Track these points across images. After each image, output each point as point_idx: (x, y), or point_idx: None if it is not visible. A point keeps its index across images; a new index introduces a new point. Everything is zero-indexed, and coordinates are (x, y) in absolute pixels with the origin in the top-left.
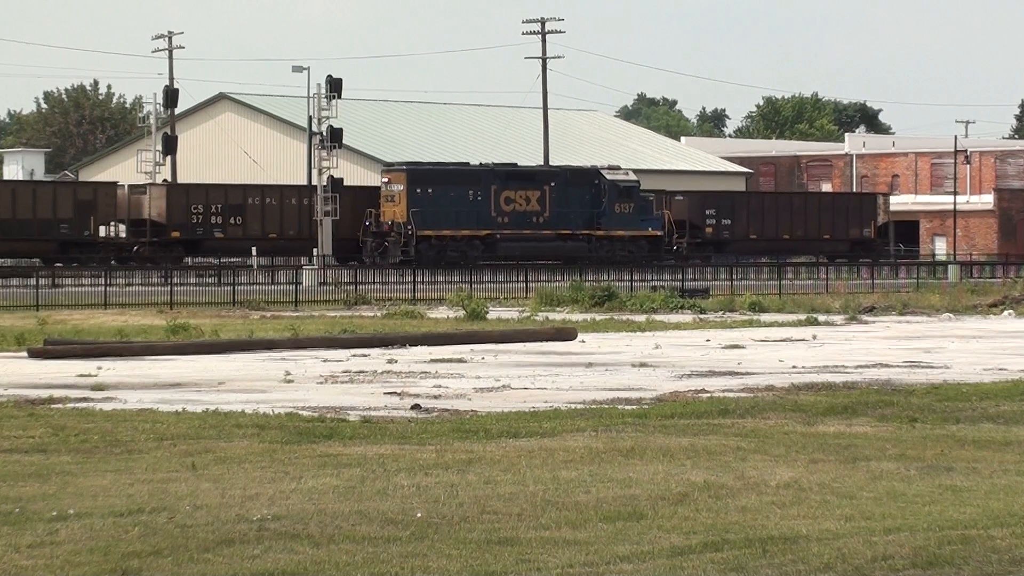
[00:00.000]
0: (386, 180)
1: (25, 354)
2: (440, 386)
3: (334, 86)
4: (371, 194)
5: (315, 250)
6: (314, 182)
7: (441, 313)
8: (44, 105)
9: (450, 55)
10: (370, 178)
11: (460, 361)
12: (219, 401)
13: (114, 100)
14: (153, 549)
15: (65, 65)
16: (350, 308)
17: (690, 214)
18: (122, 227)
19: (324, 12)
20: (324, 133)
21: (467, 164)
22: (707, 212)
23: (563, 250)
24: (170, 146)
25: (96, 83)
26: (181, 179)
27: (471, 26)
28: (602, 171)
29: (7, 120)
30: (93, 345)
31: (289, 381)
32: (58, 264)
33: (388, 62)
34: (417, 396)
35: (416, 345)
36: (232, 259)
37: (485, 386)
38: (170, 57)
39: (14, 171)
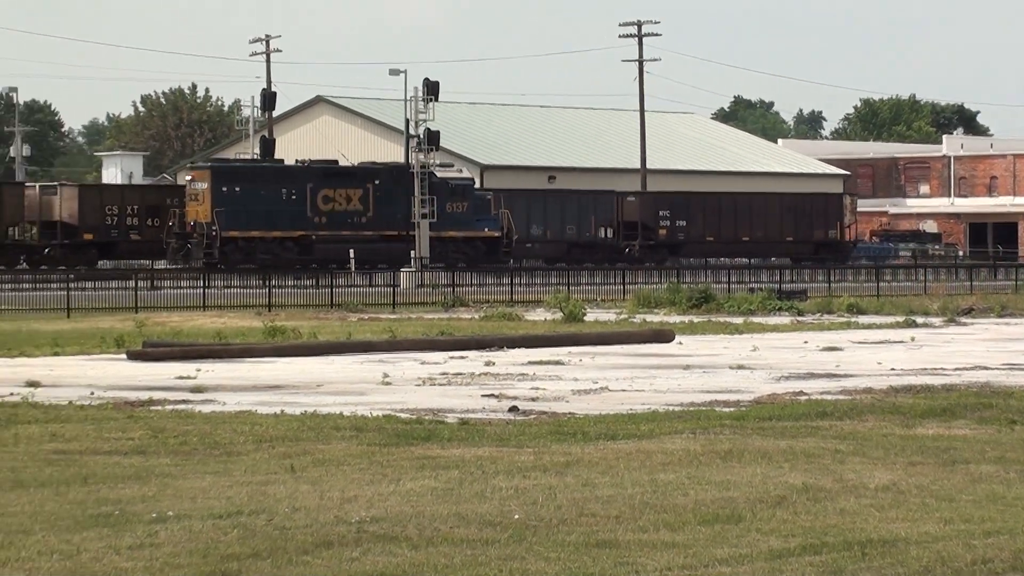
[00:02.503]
0: (189, 178)
1: (124, 356)
2: (538, 388)
3: (431, 89)
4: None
5: (412, 252)
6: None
7: (539, 315)
8: (142, 108)
9: (547, 58)
10: None
11: (558, 363)
12: (317, 403)
13: (212, 103)
14: (252, 551)
15: (164, 69)
16: (448, 310)
17: (642, 215)
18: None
19: (422, 15)
20: (421, 136)
21: (281, 161)
22: (661, 213)
23: (388, 252)
24: (268, 149)
25: (194, 86)
26: None
27: (568, 29)
28: (432, 169)
29: (106, 124)
30: (192, 347)
31: (387, 383)
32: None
33: (485, 65)
34: (515, 398)
35: (514, 347)
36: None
37: (583, 388)
38: (267, 60)
39: (113, 174)
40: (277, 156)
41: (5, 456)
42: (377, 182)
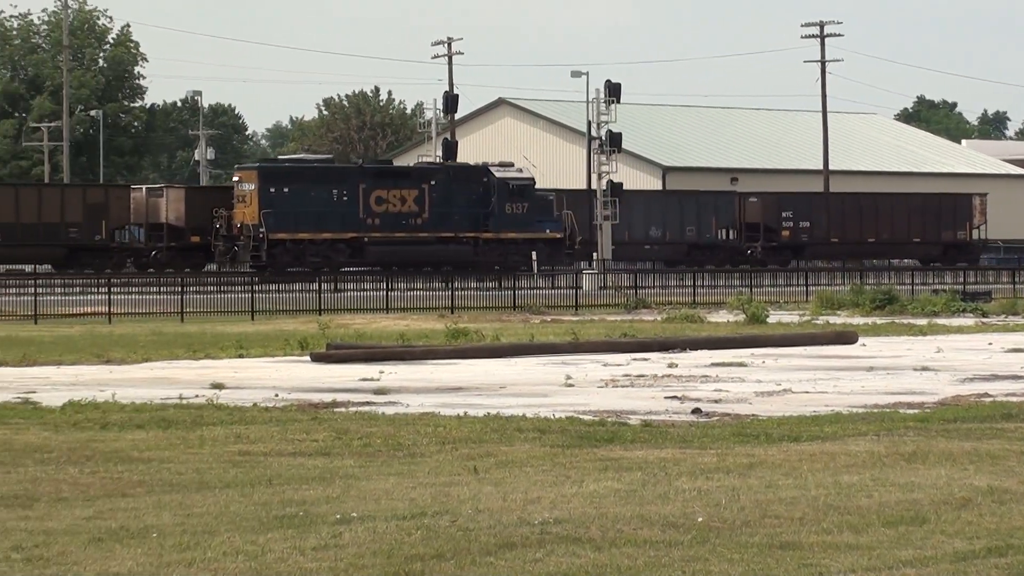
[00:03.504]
0: (237, 179)
1: (308, 358)
2: (720, 390)
3: (612, 90)
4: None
5: (595, 254)
6: (593, 187)
7: (721, 317)
8: (326, 111)
9: (728, 59)
10: (649, 182)
11: (740, 365)
12: (500, 405)
13: (395, 106)
14: (436, 552)
15: (347, 72)
16: (630, 312)
17: (765, 216)
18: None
19: (603, 17)
20: (603, 137)
21: (332, 161)
22: (784, 214)
23: (444, 254)
24: (450, 151)
25: (377, 89)
26: None
27: (749, 30)
28: (491, 168)
29: (289, 127)
30: (375, 349)
31: (570, 385)
32: (69, 270)
33: (666, 66)
34: (698, 400)
35: (696, 349)
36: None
37: (766, 390)
38: (450, 63)
39: None
40: (460, 158)
41: (190, 457)
42: (433, 182)
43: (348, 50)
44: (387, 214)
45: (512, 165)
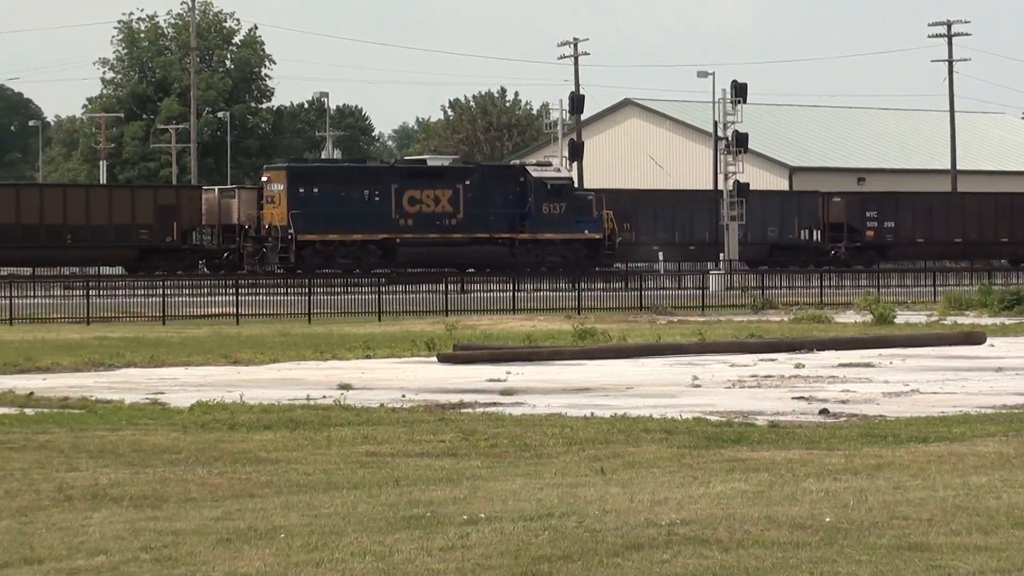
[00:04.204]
0: (265, 179)
1: (435, 359)
2: (848, 391)
3: (739, 91)
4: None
5: (721, 255)
6: (720, 187)
7: (848, 317)
8: (452, 112)
9: (854, 59)
10: (776, 183)
11: (868, 365)
12: (627, 406)
13: (521, 107)
14: (563, 553)
15: (473, 73)
16: (757, 312)
17: (848, 216)
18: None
19: (728, 17)
20: (729, 138)
21: (363, 161)
22: (868, 214)
23: (479, 255)
24: (576, 152)
25: (503, 90)
26: (587, 185)
27: (876, 29)
28: (528, 167)
29: (416, 128)
30: (501, 350)
31: (697, 385)
32: (140, 272)
33: (793, 66)
34: (825, 401)
35: (823, 349)
36: (639, 264)
37: (893, 391)
38: (576, 63)
39: None
40: (586, 159)
41: (318, 458)
42: (468, 182)
43: (475, 51)
44: (420, 214)
45: (550, 164)
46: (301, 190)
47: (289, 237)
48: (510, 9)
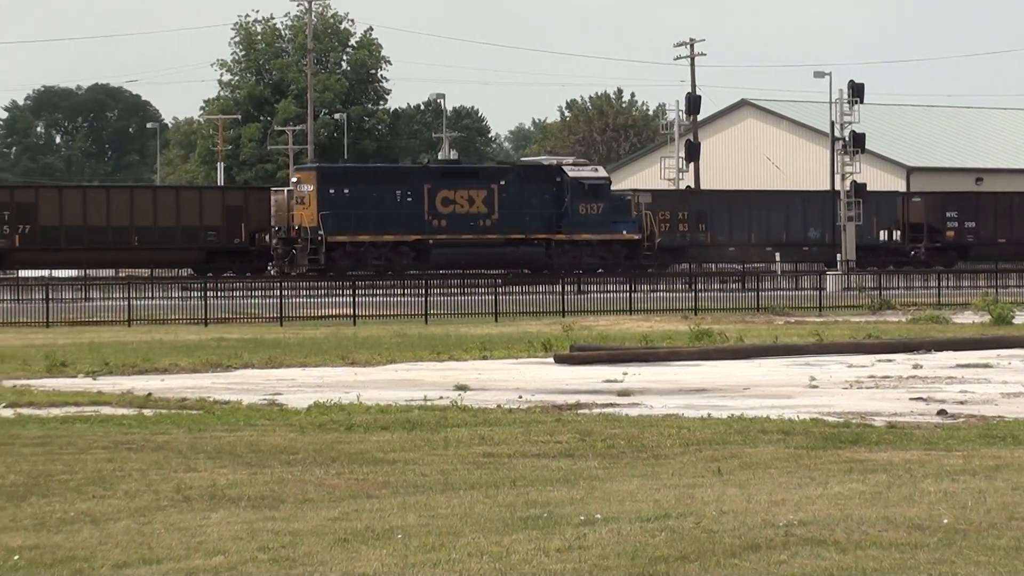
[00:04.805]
0: (295, 180)
1: (551, 360)
2: (966, 391)
3: (856, 91)
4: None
5: (838, 255)
6: (837, 187)
7: (966, 318)
8: (568, 113)
9: (973, 58)
10: (892, 183)
11: (986, 366)
12: (743, 406)
13: (637, 108)
14: (680, 554)
15: (590, 73)
16: (874, 313)
17: (928, 216)
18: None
19: (845, 17)
20: (846, 138)
21: (396, 162)
22: (948, 214)
23: (514, 256)
24: (693, 153)
25: (620, 91)
26: (704, 186)
27: (993, 28)
28: (564, 167)
29: (532, 129)
30: (618, 351)
31: (814, 386)
32: (208, 274)
33: (910, 66)
34: (943, 401)
35: (941, 350)
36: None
37: (1012, 391)
38: (692, 64)
39: None
40: (703, 160)
41: (435, 459)
42: (503, 182)
43: (591, 52)
44: (454, 215)
45: (587, 164)
46: (331, 191)
47: (319, 238)
48: (627, 10)
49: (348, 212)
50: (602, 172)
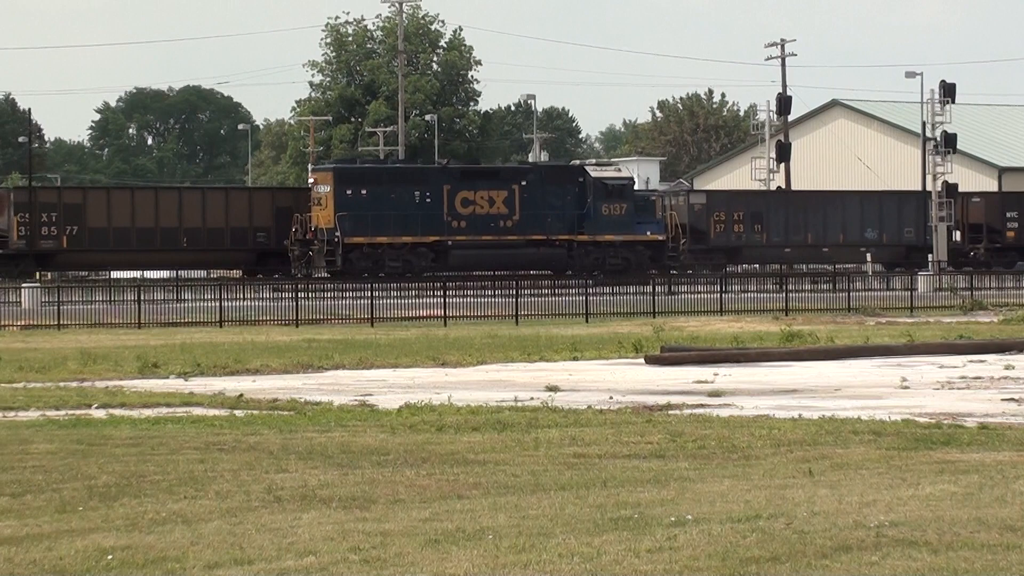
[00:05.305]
0: (312, 181)
1: (642, 361)
2: None
3: (947, 91)
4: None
5: (930, 256)
6: (928, 188)
7: None
8: (659, 114)
9: None
10: (984, 183)
11: None
12: (835, 407)
13: (728, 108)
14: (771, 555)
15: (681, 74)
16: (966, 313)
17: (988, 216)
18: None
19: (936, 17)
20: (938, 138)
21: (415, 162)
22: (1008, 214)
23: (535, 258)
24: (783, 153)
25: (710, 92)
26: (795, 187)
27: None
28: (587, 167)
29: (622, 129)
30: (709, 352)
31: (905, 387)
32: (258, 276)
33: (1002, 66)
34: None
35: None
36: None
37: None
38: (783, 65)
39: None
40: (794, 160)
41: (526, 460)
42: (524, 183)
43: (682, 52)
44: (474, 216)
45: (610, 164)
46: (348, 192)
47: (336, 240)
48: (717, 10)
49: (365, 213)
50: (625, 172)
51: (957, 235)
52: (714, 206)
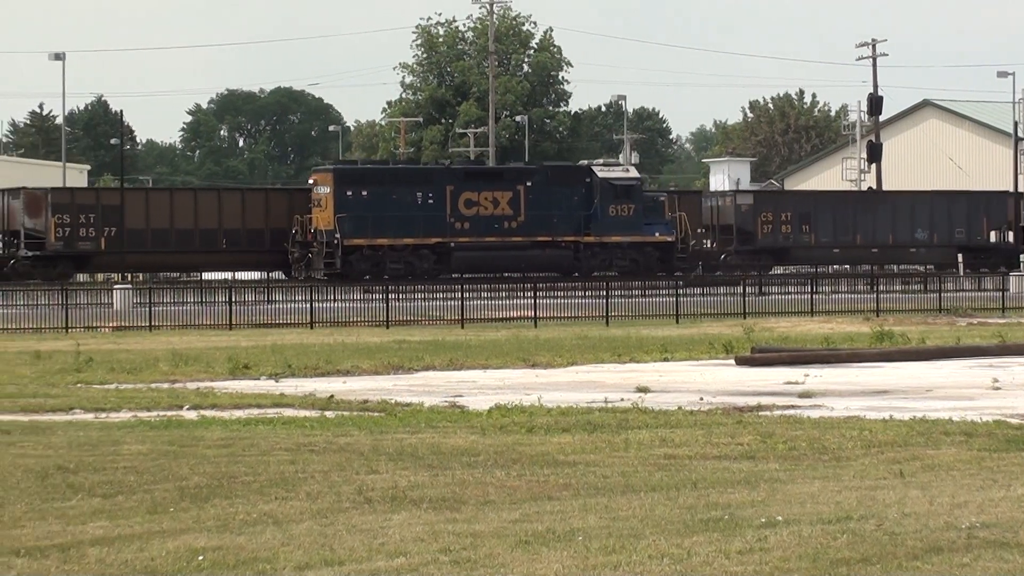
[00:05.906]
0: (312, 182)
1: (732, 361)
2: None
3: None
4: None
5: (1022, 256)
6: (1020, 188)
7: None
8: (750, 114)
9: None
10: None
11: None
12: (926, 408)
13: (819, 108)
14: (861, 556)
15: (772, 74)
16: None
17: None
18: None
19: None
20: None
21: (417, 162)
22: None
23: (541, 260)
24: (874, 154)
25: (801, 92)
26: (887, 187)
27: None
28: (593, 167)
29: (713, 130)
30: (799, 352)
31: (997, 388)
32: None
33: None
34: None
35: None
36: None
37: None
38: (874, 65)
39: (720, 180)
40: (885, 161)
41: (616, 461)
42: (529, 183)
43: (773, 52)
44: (477, 217)
45: (618, 164)
46: (349, 193)
47: (335, 242)
48: (808, 10)
49: (366, 215)
50: (633, 172)
51: (1008, 235)
52: (761, 206)
